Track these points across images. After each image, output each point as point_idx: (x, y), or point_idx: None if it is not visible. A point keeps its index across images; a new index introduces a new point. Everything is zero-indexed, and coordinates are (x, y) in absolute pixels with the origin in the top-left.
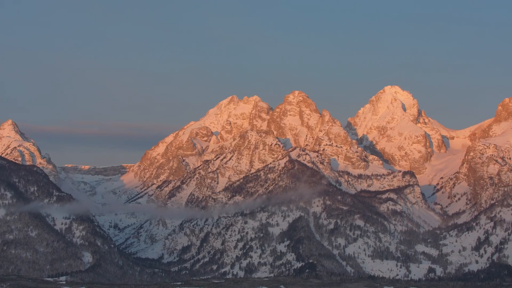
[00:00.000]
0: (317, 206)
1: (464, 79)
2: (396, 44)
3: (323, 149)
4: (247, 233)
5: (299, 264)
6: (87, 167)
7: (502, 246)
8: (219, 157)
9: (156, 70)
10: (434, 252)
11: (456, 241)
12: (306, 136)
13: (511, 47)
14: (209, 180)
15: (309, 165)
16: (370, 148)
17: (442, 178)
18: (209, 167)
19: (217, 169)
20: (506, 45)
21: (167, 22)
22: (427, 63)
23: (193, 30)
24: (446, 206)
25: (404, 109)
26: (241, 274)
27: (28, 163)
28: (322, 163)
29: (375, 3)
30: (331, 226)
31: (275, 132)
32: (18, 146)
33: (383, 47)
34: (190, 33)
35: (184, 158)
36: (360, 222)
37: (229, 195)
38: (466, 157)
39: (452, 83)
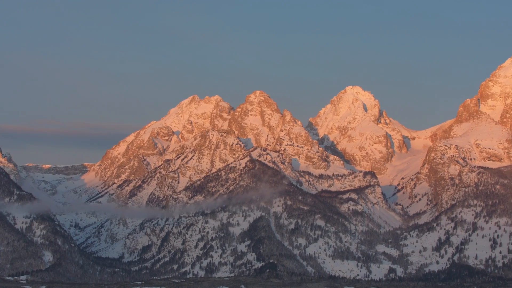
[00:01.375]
0: (278, 206)
1: (425, 80)
2: (358, 44)
3: (284, 149)
4: (207, 232)
5: (259, 264)
6: (48, 166)
7: (463, 247)
8: (180, 156)
9: (117, 69)
10: (394, 253)
11: (417, 242)
12: (267, 136)
13: (471, 48)
14: (170, 180)
15: (270, 165)
16: (331, 148)
17: (403, 178)
18: (170, 166)
19: (178, 168)
20: (466, 46)
21: (129, 21)
22: (388, 64)
23: (155, 29)
24: (407, 207)
25: (366, 110)
26: (202, 273)
27: None
28: (283, 163)
29: (337, 3)
30: (292, 226)
31: (236, 132)
32: None
33: (345, 47)
34: (151, 32)
35: (145, 158)
36: (320, 222)
37: (190, 194)
38: (427, 157)
39: (413, 84)
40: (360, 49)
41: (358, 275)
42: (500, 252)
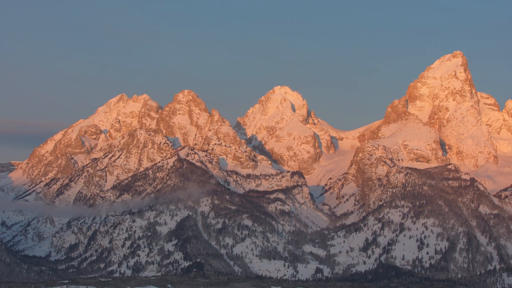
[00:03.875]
0: (205, 205)
1: (353, 81)
2: (286, 44)
3: (212, 148)
4: (135, 231)
5: (186, 263)
6: None
7: (390, 247)
8: (107, 155)
9: (46, 67)
10: (321, 253)
11: (344, 242)
12: (195, 135)
13: (400, 49)
14: (97, 178)
15: (198, 164)
16: (259, 148)
17: (330, 179)
18: (97, 165)
19: (106, 167)
20: (395, 47)
21: (57, 18)
22: (317, 64)
23: (83, 27)
24: (334, 207)
25: (294, 110)
26: (129, 273)
27: None
28: (210, 162)
29: (266, 2)
30: (219, 226)
31: (164, 131)
32: None
33: (273, 47)
34: (80, 30)
35: (72, 156)
36: (248, 222)
37: (117, 193)
38: (355, 158)
39: (341, 85)
40: (288, 49)
41: (285, 275)
42: (427, 253)
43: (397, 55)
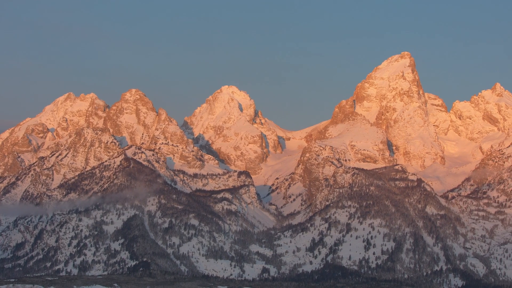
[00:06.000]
0: (152, 204)
1: (301, 81)
2: (233, 44)
3: (159, 147)
4: (81, 230)
5: (133, 263)
6: None
7: (336, 247)
8: (54, 154)
9: None
10: (268, 252)
11: (291, 242)
12: (142, 134)
13: (347, 49)
14: (44, 177)
15: (145, 163)
16: (206, 147)
17: (277, 178)
18: (44, 164)
19: (52, 166)
20: (342, 47)
21: (3, 16)
22: (264, 64)
23: (30, 25)
24: (281, 207)
25: (241, 110)
26: (75, 271)
27: None
28: (157, 161)
29: (212, 2)
30: (166, 225)
31: (111, 130)
32: None
33: (220, 47)
34: (26, 28)
35: (19, 155)
36: (194, 222)
37: (64, 192)
38: (302, 158)
39: (289, 85)
40: (236, 48)
41: (231, 274)
42: (374, 253)
43: (345, 55)
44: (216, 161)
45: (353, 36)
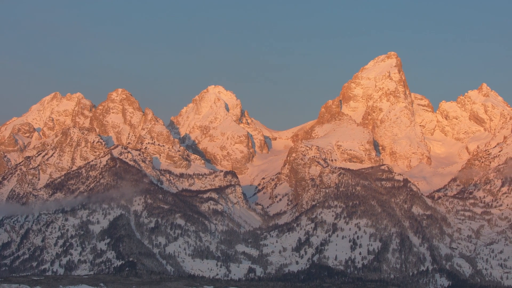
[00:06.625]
0: (138, 204)
1: (287, 80)
2: (220, 44)
3: (145, 147)
4: (67, 230)
5: (119, 262)
6: None
7: (323, 247)
8: (40, 153)
9: None
10: (254, 252)
11: (277, 242)
12: (129, 134)
13: (334, 49)
14: (30, 177)
15: (131, 163)
16: (193, 147)
17: (263, 178)
18: (30, 163)
19: (39, 165)
20: (329, 47)
21: None
22: (250, 64)
23: (16, 24)
24: (267, 207)
25: (227, 109)
26: (61, 271)
27: None
28: (144, 161)
29: (199, 2)
30: (152, 225)
31: (97, 130)
32: None
33: (207, 46)
34: (13, 27)
35: (5, 154)
36: (181, 221)
37: (50, 192)
38: (288, 158)
39: (275, 85)
40: (222, 48)
41: (217, 274)
42: (360, 253)
43: (331, 55)
44: (203, 161)
45: (340, 36)
